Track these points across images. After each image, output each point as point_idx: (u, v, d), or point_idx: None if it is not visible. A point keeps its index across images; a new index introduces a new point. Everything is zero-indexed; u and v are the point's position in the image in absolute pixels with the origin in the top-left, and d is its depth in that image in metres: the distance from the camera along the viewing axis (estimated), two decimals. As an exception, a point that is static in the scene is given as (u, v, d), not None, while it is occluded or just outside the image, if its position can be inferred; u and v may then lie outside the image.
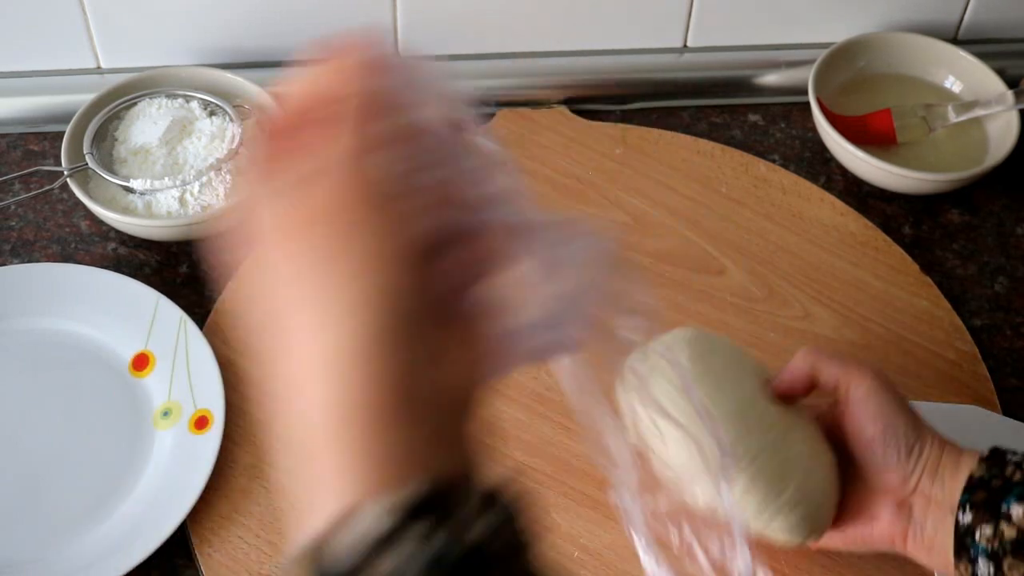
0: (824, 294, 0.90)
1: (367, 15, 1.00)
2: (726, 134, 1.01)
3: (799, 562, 0.76)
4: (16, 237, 0.93)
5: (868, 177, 0.96)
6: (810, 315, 0.88)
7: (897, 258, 0.92)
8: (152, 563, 0.75)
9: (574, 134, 0.99)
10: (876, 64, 1.02)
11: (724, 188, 0.96)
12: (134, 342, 0.85)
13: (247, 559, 0.76)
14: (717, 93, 1.04)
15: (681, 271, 0.91)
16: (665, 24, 1.03)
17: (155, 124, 0.91)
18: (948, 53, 1.01)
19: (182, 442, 0.80)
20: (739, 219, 0.94)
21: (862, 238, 0.93)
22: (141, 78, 0.95)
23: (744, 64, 1.04)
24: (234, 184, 0.89)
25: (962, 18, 1.04)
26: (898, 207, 0.97)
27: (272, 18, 0.99)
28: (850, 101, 1.00)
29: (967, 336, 0.88)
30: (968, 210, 0.97)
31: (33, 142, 0.99)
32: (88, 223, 0.93)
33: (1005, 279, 0.93)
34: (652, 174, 0.97)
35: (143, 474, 0.79)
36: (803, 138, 1.01)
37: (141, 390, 0.83)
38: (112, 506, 0.78)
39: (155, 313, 0.85)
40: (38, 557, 0.76)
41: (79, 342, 0.85)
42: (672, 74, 1.04)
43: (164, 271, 0.91)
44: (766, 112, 1.03)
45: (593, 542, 0.77)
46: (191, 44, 1.00)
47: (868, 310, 0.89)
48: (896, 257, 0.92)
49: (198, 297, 0.89)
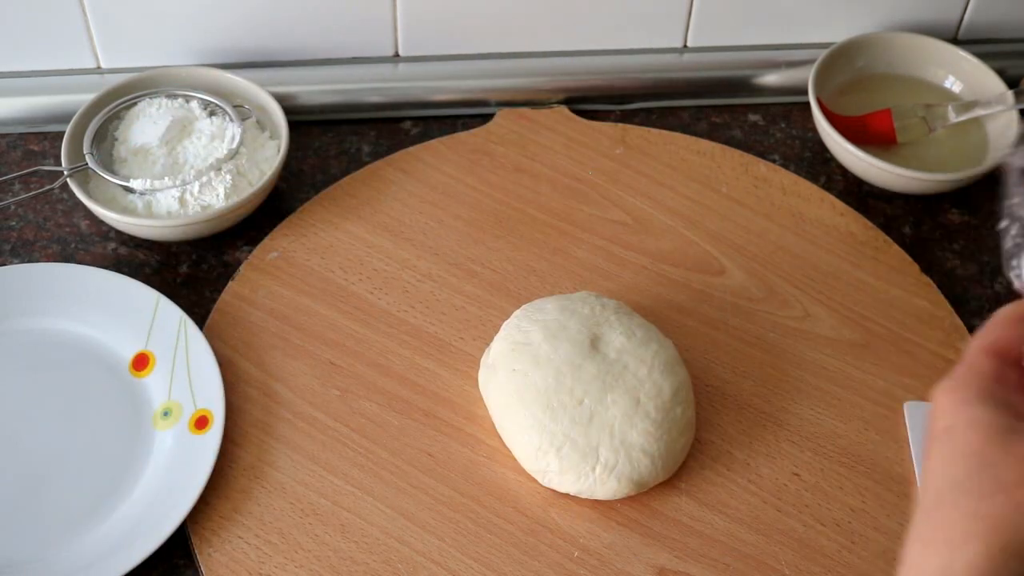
0: (824, 294, 0.90)
1: (367, 15, 1.00)
2: (726, 134, 1.01)
3: (798, 562, 0.77)
4: (16, 237, 0.93)
5: (868, 177, 0.96)
6: (810, 315, 0.89)
7: (897, 258, 0.92)
8: (152, 563, 0.75)
9: (574, 134, 0.99)
10: (876, 64, 1.02)
11: (724, 188, 0.96)
12: (134, 342, 0.85)
13: (247, 559, 0.76)
14: (717, 93, 1.04)
15: (681, 271, 0.91)
16: (665, 24, 1.03)
17: (155, 124, 0.91)
18: (948, 53, 1.01)
19: (182, 442, 0.80)
20: (739, 219, 0.94)
21: (862, 238, 0.93)
22: (141, 78, 0.95)
23: (744, 64, 1.04)
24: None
25: (962, 18, 1.04)
26: (898, 207, 0.97)
27: (272, 18, 0.99)
28: (850, 101, 1.00)
29: (968, 336, 0.88)
30: (968, 210, 0.97)
31: (33, 142, 0.99)
32: (88, 223, 0.93)
33: (1005, 279, 0.93)
34: (652, 174, 0.97)
35: (143, 474, 0.79)
36: (803, 138, 1.01)
37: (141, 390, 0.83)
38: (112, 506, 0.78)
39: (155, 313, 0.85)
40: (38, 557, 0.76)
41: (79, 342, 0.85)
42: (672, 74, 1.04)
43: (164, 271, 0.91)
44: (766, 112, 1.03)
45: (593, 542, 0.77)
46: (191, 44, 1.00)
47: (868, 310, 0.89)
48: (896, 257, 0.92)
49: (198, 297, 0.89)
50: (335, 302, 0.88)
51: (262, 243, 0.91)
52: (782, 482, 0.80)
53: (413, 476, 0.79)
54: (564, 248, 0.92)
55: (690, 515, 0.78)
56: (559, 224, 0.93)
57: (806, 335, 0.87)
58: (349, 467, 0.80)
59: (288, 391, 0.83)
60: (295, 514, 0.77)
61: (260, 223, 0.93)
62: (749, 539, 0.77)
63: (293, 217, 0.93)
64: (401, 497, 0.78)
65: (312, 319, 0.87)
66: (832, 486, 0.80)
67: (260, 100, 0.95)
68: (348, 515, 0.77)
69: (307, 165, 0.98)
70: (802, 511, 0.79)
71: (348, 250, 0.91)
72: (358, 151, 0.99)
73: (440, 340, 0.86)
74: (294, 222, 0.92)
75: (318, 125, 1.01)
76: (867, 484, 0.80)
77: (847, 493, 0.80)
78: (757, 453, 0.81)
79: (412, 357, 0.85)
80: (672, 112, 1.03)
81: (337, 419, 0.82)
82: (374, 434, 0.81)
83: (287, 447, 0.80)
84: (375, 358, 0.85)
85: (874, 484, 0.80)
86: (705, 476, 0.80)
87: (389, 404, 0.83)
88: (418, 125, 1.01)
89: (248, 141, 0.92)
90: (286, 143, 0.92)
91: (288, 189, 0.96)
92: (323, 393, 0.83)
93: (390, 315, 0.87)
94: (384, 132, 1.00)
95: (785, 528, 0.78)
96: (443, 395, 0.83)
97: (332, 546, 0.76)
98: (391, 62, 1.03)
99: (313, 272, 0.90)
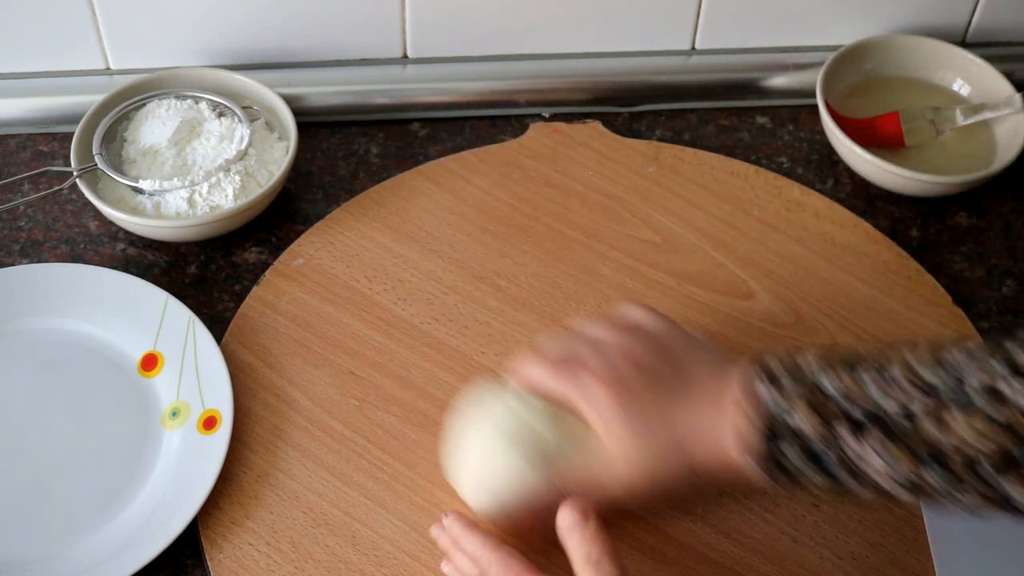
0: (853, 322, 0.88)
1: (376, 17, 1.00)
2: (734, 137, 1.01)
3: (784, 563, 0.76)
4: (25, 237, 0.93)
5: (876, 180, 0.96)
6: (837, 343, 0.87)
7: (929, 288, 0.90)
8: (161, 563, 0.76)
9: (607, 150, 0.98)
10: (884, 67, 1.02)
11: (756, 211, 0.95)
12: (143, 342, 0.85)
13: (256, 567, 0.75)
14: (725, 96, 1.04)
15: (708, 293, 0.89)
16: (673, 26, 1.03)
17: (164, 125, 0.92)
18: (956, 56, 1.01)
19: (190, 442, 0.80)
20: (770, 242, 0.93)
21: (895, 266, 0.91)
22: (150, 79, 0.95)
23: (752, 67, 1.04)
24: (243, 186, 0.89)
25: (970, 21, 1.04)
26: (906, 210, 0.97)
27: (281, 20, 0.99)
28: (858, 104, 1.00)
29: None
30: (976, 213, 0.97)
31: (42, 143, 0.99)
32: (97, 223, 0.94)
33: (1013, 282, 0.93)
34: (684, 193, 0.96)
35: (152, 474, 0.79)
36: (811, 141, 1.01)
37: (149, 390, 0.83)
38: (121, 505, 0.78)
39: (164, 313, 0.85)
40: (47, 556, 0.76)
41: (88, 342, 0.85)
42: (680, 76, 1.04)
43: (173, 272, 0.91)
44: (774, 115, 1.03)
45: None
46: (200, 45, 1.00)
47: (897, 340, 0.85)
48: (928, 287, 0.90)
49: (206, 297, 0.89)
50: (358, 311, 0.88)
51: (288, 248, 0.91)
52: (800, 512, 0.78)
53: (427, 490, 0.79)
54: (591, 266, 0.91)
55: (704, 542, 0.77)
56: (587, 241, 0.92)
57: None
58: (363, 478, 0.79)
59: (306, 399, 0.83)
60: (307, 523, 0.77)
61: (269, 224, 0.93)
62: (763, 569, 0.76)
63: (320, 224, 0.92)
64: (414, 511, 0.78)
65: (334, 327, 0.87)
66: (852, 519, 0.78)
67: (269, 101, 0.95)
68: (360, 527, 0.77)
69: (315, 166, 0.98)
70: (819, 543, 0.77)
71: (374, 259, 0.91)
72: (366, 152, 0.99)
73: (461, 354, 0.85)
74: (321, 229, 0.92)
75: (327, 126, 1.01)
76: (887, 519, 0.78)
77: (866, 527, 0.78)
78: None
79: (432, 370, 0.85)
80: (680, 115, 1.03)
81: (354, 429, 0.82)
82: (390, 446, 0.81)
83: (302, 455, 0.80)
84: (395, 369, 0.85)
85: (894, 519, 0.78)
86: (721, 503, 0.78)
87: (407, 416, 0.82)
88: (426, 127, 1.01)
89: (257, 142, 0.92)
90: (295, 144, 0.92)
91: (296, 190, 0.96)
92: (341, 402, 0.83)
93: (412, 326, 0.87)
94: (392, 133, 1.01)
95: (800, 559, 0.76)
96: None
97: (343, 557, 0.76)
98: (400, 64, 1.03)
99: (338, 280, 0.89)
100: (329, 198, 0.96)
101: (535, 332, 0.87)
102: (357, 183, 0.97)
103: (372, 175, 0.97)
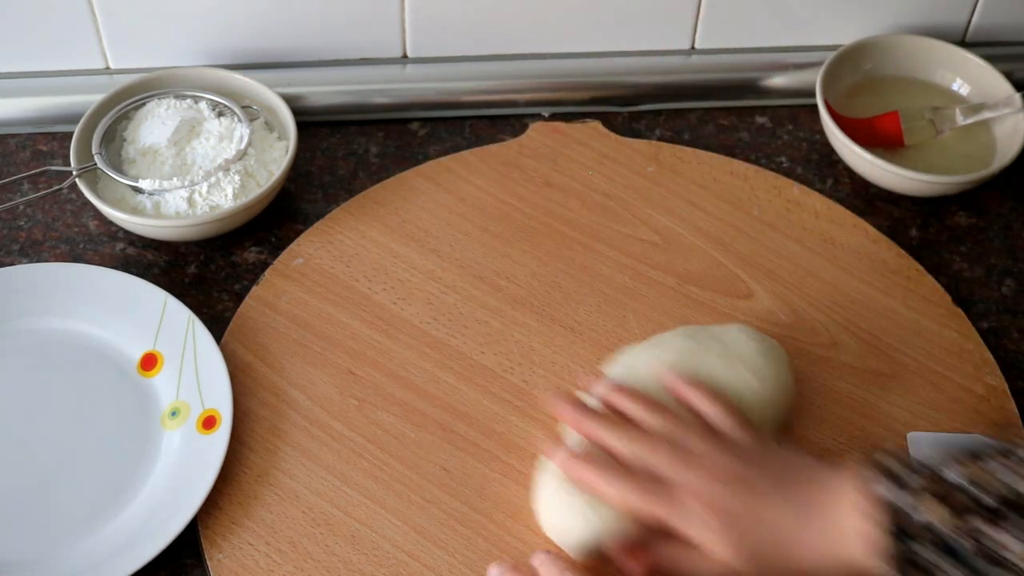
0: (852, 322, 0.88)
1: (376, 16, 1.00)
2: (734, 136, 1.01)
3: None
4: (25, 237, 0.93)
5: (875, 179, 0.96)
6: (837, 343, 0.87)
7: (929, 288, 0.90)
8: (160, 562, 0.76)
9: (607, 150, 0.98)
10: (884, 66, 1.02)
11: (756, 210, 0.95)
12: (142, 342, 0.85)
13: (256, 567, 0.75)
14: (724, 95, 1.04)
15: (707, 293, 0.89)
16: (673, 26, 1.03)
17: (164, 125, 0.92)
18: (956, 56, 1.01)
19: (190, 442, 0.80)
20: (769, 242, 0.93)
21: (894, 266, 0.92)
22: (150, 79, 0.95)
23: (752, 66, 1.04)
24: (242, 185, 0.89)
25: (970, 20, 1.05)
26: (905, 209, 0.97)
27: (281, 19, 0.99)
28: (858, 103, 1.00)
29: (997, 371, 0.85)
30: (975, 213, 0.97)
31: (42, 142, 0.99)
32: (97, 223, 0.94)
33: (1012, 282, 0.93)
34: (683, 193, 0.96)
35: (151, 473, 0.79)
36: (810, 140, 1.01)
37: (149, 390, 0.83)
38: (121, 505, 0.78)
39: (163, 313, 0.85)
40: (46, 556, 0.76)
41: (87, 342, 0.85)
42: (680, 76, 1.04)
43: (172, 271, 0.91)
44: (773, 114, 1.03)
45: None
46: (200, 45, 1.00)
47: (896, 340, 0.87)
48: (928, 287, 0.90)
49: (206, 297, 0.89)
50: (358, 311, 0.88)
51: (288, 248, 0.91)
52: None
53: (427, 490, 0.79)
54: (590, 265, 0.91)
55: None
56: (587, 240, 0.92)
57: (831, 363, 0.85)
58: (363, 478, 0.79)
59: (305, 398, 0.83)
60: (306, 523, 0.77)
61: (268, 224, 0.93)
62: None
63: (320, 224, 0.92)
64: (413, 510, 0.78)
65: (334, 327, 0.87)
66: None
67: (268, 101, 0.95)
68: (359, 526, 0.77)
69: (315, 166, 0.98)
70: None
71: (373, 259, 0.91)
72: (366, 152, 0.99)
73: (461, 353, 0.85)
74: (321, 228, 0.92)
75: (326, 126, 1.01)
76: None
77: None
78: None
79: (432, 369, 0.85)
80: (679, 114, 1.03)
81: (353, 429, 0.82)
82: (390, 446, 0.81)
83: (301, 455, 0.80)
84: (395, 369, 0.85)
85: None
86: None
87: (406, 416, 0.82)
88: (426, 126, 1.01)
89: (256, 142, 0.92)
90: (294, 144, 0.92)
91: (296, 190, 0.96)
92: (340, 402, 0.83)
93: (412, 326, 0.87)
94: (392, 133, 1.01)
95: None
96: (461, 409, 0.83)
97: (342, 557, 0.76)
98: (399, 63, 1.03)
99: (337, 280, 0.89)
100: (329, 198, 0.96)
101: (535, 332, 0.87)
102: (357, 183, 0.97)
103: (372, 175, 0.97)
